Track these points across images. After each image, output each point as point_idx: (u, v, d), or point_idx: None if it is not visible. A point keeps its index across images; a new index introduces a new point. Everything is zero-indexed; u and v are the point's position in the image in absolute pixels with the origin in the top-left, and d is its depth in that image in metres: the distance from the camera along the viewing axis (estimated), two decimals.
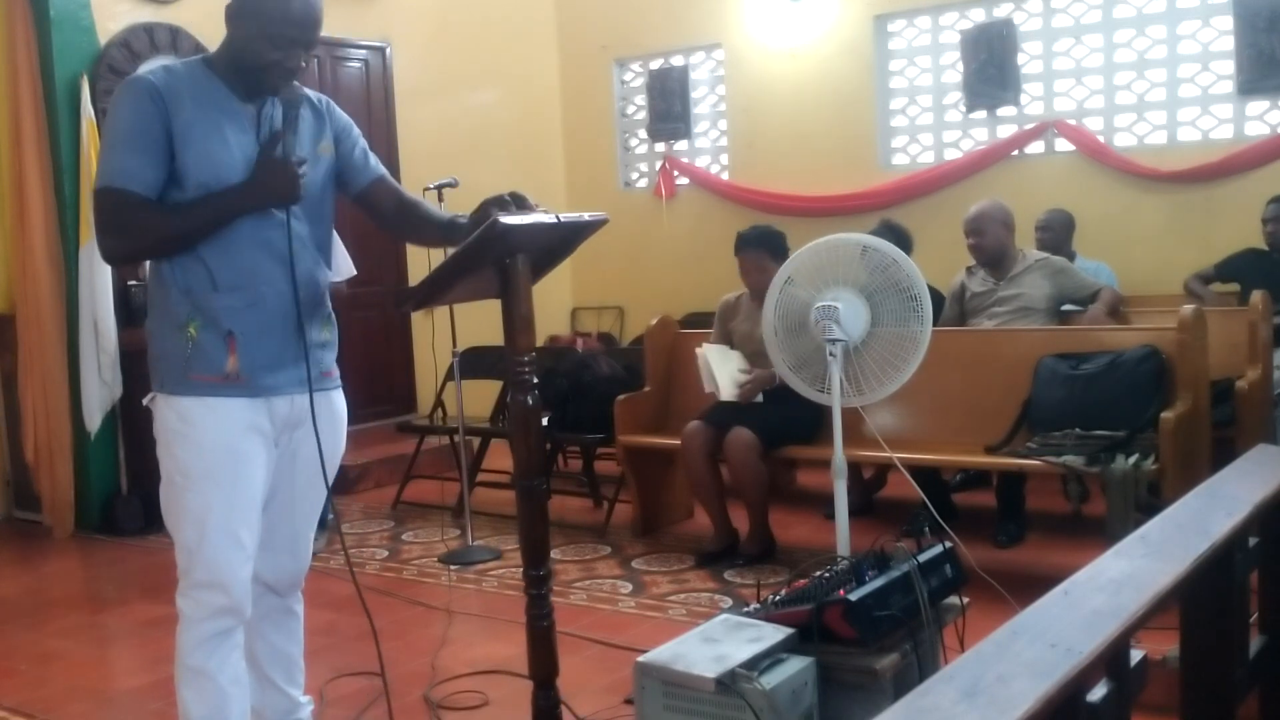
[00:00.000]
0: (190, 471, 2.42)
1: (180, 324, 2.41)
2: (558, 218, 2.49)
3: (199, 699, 2.48)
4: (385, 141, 7.24)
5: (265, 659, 2.70)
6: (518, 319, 2.49)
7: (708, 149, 7.89)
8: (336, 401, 2.64)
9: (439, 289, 2.53)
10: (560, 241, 2.62)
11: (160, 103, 2.34)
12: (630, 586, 4.42)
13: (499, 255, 2.45)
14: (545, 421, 5.65)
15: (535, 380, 2.52)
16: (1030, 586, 2.24)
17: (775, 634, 2.45)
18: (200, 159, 2.37)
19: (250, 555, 2.47)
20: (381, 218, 2.68)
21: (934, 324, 5.12)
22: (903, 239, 5.33)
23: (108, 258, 2.50)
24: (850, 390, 3.53)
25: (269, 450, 2.50)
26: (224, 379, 2.40)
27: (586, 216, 2.62)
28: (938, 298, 5.31)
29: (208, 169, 2.37)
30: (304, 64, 2.42)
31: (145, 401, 2.51)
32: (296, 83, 2.46)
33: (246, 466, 2.44)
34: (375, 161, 2.68)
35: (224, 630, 2.48)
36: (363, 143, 2.67)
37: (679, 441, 5.00)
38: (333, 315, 2.64)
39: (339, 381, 2.66)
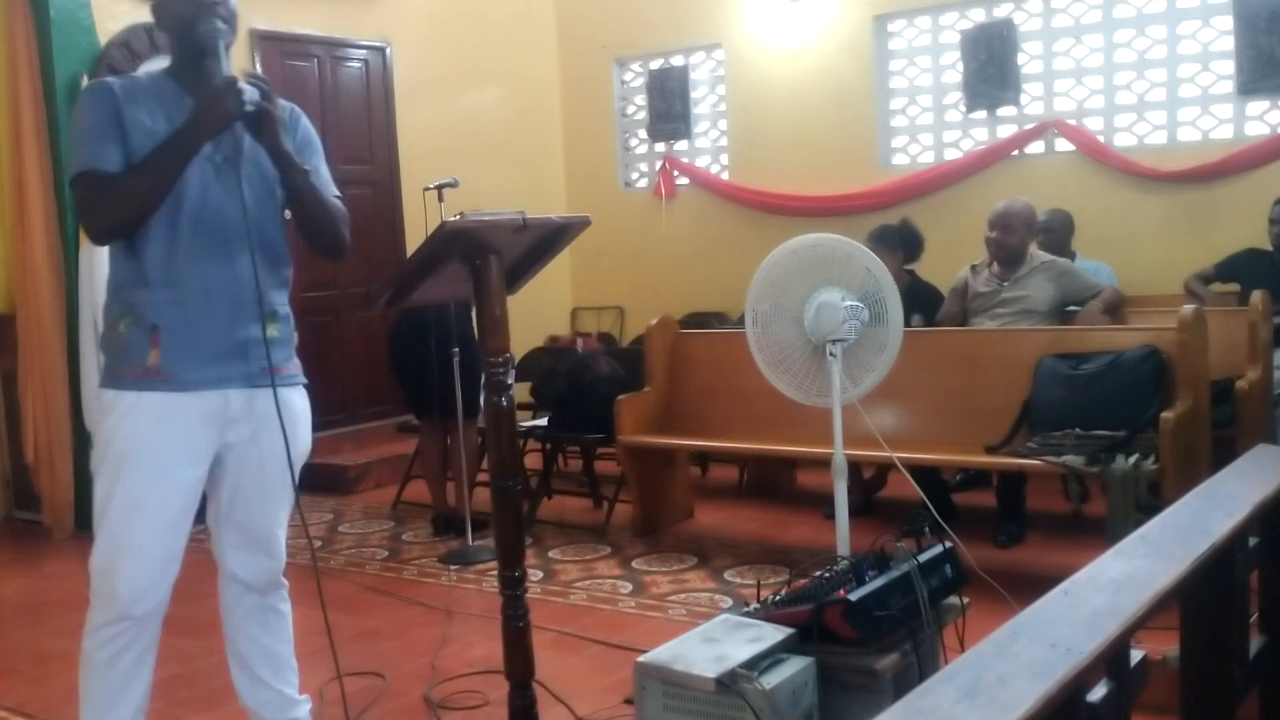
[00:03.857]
0: (100, 464, 2.46)
1: (114, 322, 2.47)
2: (523, 219, 2.48)
3: (85, 687, 2.52)
4: (385, 141, 7.24)
5: (253, 658, 2.70)
6: (489, 320, 2.50)
7: (708, 149, 7.89)
8: (290, 398, 2.57)
9: (405, 289, 2.53)
10: (539, 243, 2.60)
11: (115, 99, 2.42)
12: (630, 586, 4.42)
13: (467, 256, 2.45)
14: (545, 421, 5.67)
15: (510, 382, 2.54)
16: (1030, 586, 2.24)
17: (775, 634, 2.45)
18: None
19: (151, 553, 2.44)
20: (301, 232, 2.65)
21: (933, 320, 5.19)
22: (909, 240, 5.32)
23: (95, 237, 2.50)
24: (848, 386, 3.52)
25: (199, 453, 2.48)
26: (144, 373, 2.41)
27: (556, 218, 2.61)
28: (937, 296, 5.33)
29: None
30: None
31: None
32: (221, 23, 2.45)
33: (157, 464, 2.42)
34: (325, 185, 2.62)
35: (118, 630, 2.48)
36: (318, 163, 2.63)
37: (680, 441, 5.02)
38: (281, 312, 2.58)
39: (294, 379, 2.61)
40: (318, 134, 2.69)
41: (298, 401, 2.61)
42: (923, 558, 2.68)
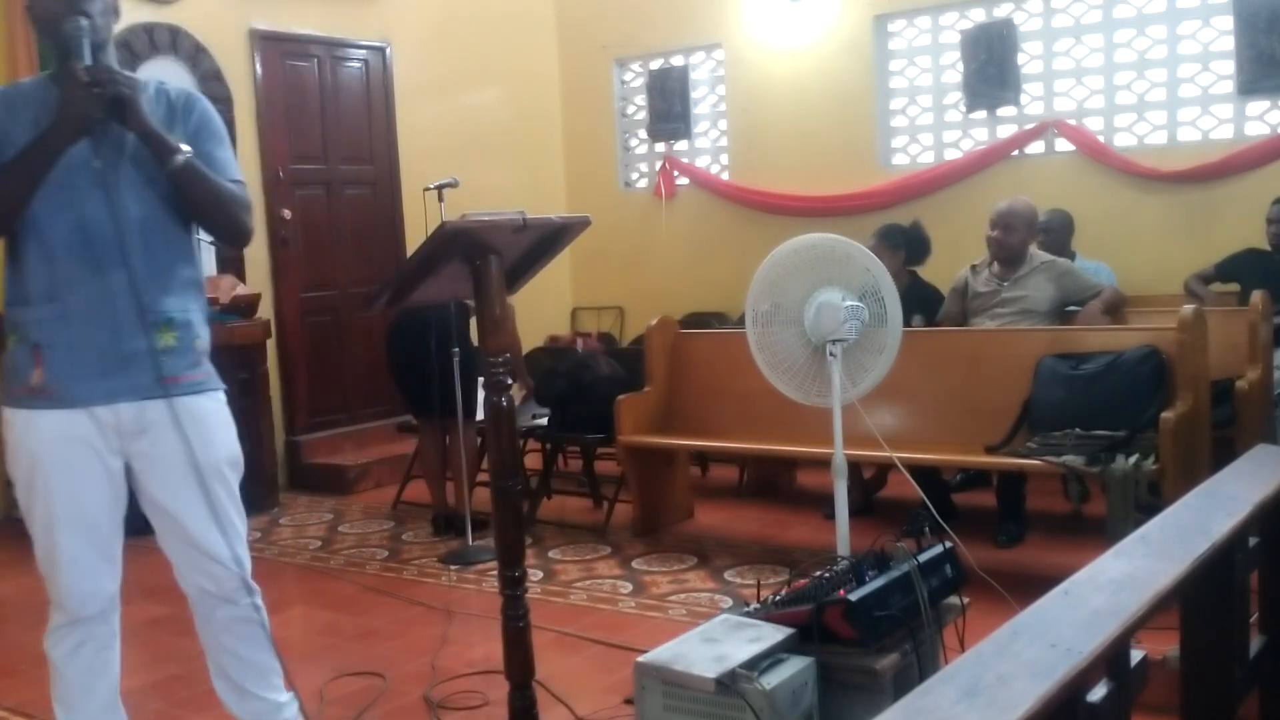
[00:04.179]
0: (15, 480, 2.48)
1: (6, 339, 2.45)
2: (523, 219, 2.47)
3: (52, 686, 2.55)
4: (385, 141, 7.24)
5: (233, 670, 2.64)
6: (488, 321, 2.50)
7: (708, 149, 7.89)
8: (196, 406, 2.48)
9: (404, 289, 2.53)
10: (539, 243, 2.60)
11: None
12: (630, 586, 4.42)
13: (467, 256, 2.44)
14: (545, 421, 5.67)
15: (509, 382, 2.54)
16: (1030, 586, 2.24)
17: (775, 634, 2.46)
18: None
19: (84, 561, 2.46)
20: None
21: (934, 320, 5.20)
22: (915, 242, 5.33)
23: None
24: (848, 386, 3.52)
25: (104, 461, 2.44)
26: (30, 391, 2.40)
27: (556, 218, 2.61)
28: (937, 296, 5.33)
29: None
30: None
31: None
32: (85, 20, 2.34)
33: (63, 477, 2.41)
34: (221, 168, 2.50)
35: (71, 629, 2.51)
36: (214, 148, 2.50)
37: (680, 441, 5.01)
38: (179, 319, 2.47)
39: (201, 386, 2.51)
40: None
41: (205, 406, 2.51)
42: (923, 558, 2.68)
